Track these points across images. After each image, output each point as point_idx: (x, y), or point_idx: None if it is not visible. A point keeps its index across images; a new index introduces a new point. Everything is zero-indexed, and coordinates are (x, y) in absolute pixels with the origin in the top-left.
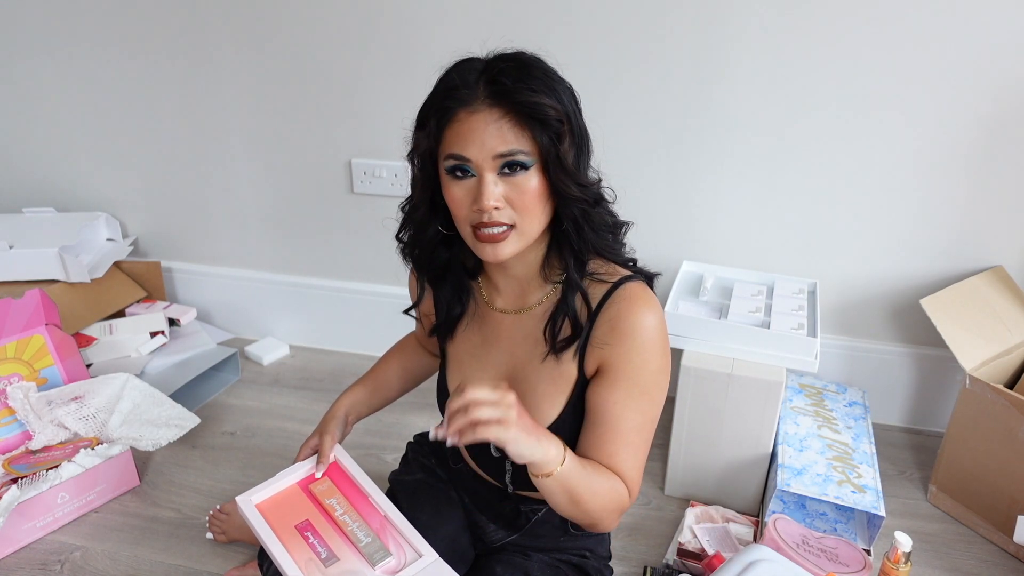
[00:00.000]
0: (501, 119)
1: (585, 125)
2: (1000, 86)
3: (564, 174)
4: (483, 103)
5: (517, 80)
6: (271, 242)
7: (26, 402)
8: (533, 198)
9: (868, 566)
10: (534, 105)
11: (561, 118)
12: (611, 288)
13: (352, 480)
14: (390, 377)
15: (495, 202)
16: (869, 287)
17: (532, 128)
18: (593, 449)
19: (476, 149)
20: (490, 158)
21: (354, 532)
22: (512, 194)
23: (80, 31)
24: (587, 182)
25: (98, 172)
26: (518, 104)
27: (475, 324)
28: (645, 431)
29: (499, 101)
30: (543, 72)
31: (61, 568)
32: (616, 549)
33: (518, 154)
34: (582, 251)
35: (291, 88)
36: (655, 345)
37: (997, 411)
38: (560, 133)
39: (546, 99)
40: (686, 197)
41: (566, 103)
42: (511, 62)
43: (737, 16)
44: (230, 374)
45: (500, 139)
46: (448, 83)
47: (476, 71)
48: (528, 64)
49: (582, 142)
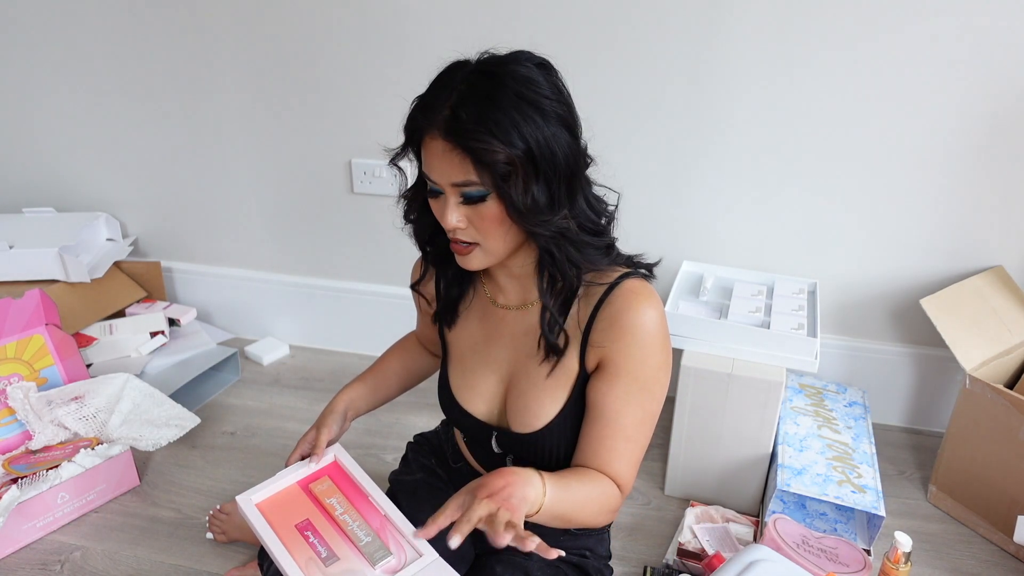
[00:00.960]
0: (454, 151)
1: (572, 149)
2: (1000, 86)
3: (515, 212)
4: (441, 131)
5: (476, 119)
6: (271, 242)
7: (26, 402)
8: (492, 223)
9: (868, 566)
10: (480, 151)
11: (511, 161)
12: (611, 284)
13: (352, 479)
14: (390, 375)
15: (456, 223)
16: (869, 287)
17: (481, 167)
18: (592, 444)
19: (438, 175)
20: (449, 184)
21: (354, 531)
22: (473, 217)
23: (80, 31)
24: (544, 218)
25: (98, 172)
26: (464, 147)
27: (477, 319)
28: (645, 427)
29: (452, 136)
30: (513, 103)
31: (61, 568)
32: (616, 549)
33: (471, 185)
34: (555, 276)
35: (291, 88)
36: (655, 340)
37: (997, 411)
38: (507, 174)
39: (496, 144)
40: (686, 197)
41: (529, 139)
42: (480, 91)
43: (737, 17)
44: (230, 374)
45: (454, 170)
46: (424, 99)
47: (450, 90)
48: (496, 97)
49: (553, 173)
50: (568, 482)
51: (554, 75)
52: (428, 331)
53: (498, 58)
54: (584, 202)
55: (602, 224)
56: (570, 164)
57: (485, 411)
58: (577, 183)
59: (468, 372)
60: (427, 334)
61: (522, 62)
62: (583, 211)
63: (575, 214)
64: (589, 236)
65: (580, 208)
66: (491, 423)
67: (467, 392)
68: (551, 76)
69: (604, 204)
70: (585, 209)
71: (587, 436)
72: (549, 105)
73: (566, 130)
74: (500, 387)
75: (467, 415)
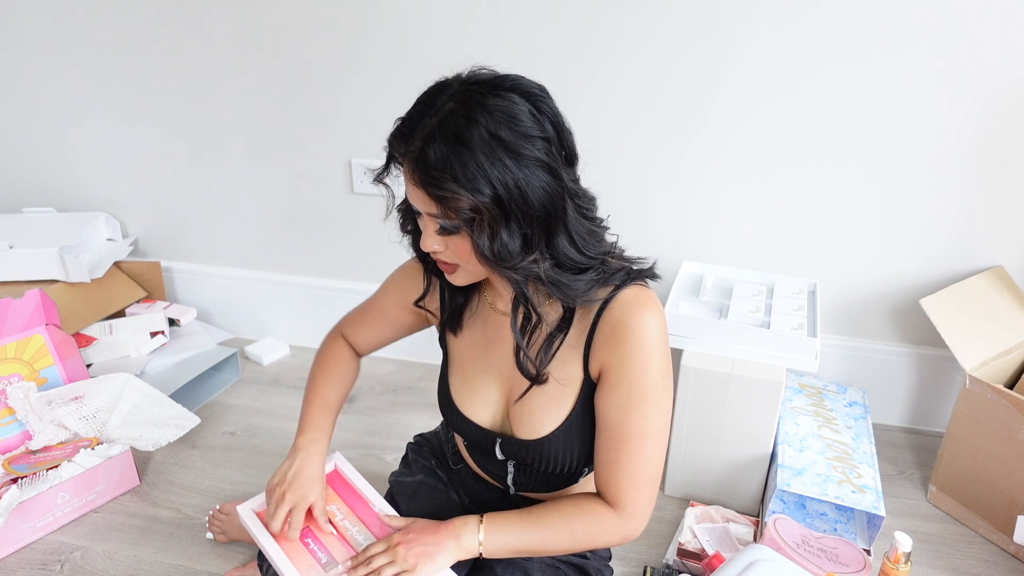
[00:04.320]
0: (421, 189)
1: (550, 190)
2: (1000, 86)
3: (481, 256)
4: (410, 167)
5: (442, 163)
6: (271, 242)
7: (26, 402)
8: (466, 253)
9: (868, 566)
10: (443, 199)
11: (476, 208)
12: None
13: (351, 486)
14: (336, 409)
15: (432, 248)
16: (869, 287)
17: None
18: (600, 455)
19: (414, 202)
20: (425, 213)
21: (354, 537)
22: (450, 245)
23: (80, 31)
24: (513, 263)
25: (98, 172)
26: (428, 194)
27: (478, 325)
28: (651, 438)
29: (419, 176)
30: (483, 146)
31: (61, 568)
32: (616, 549)
33: (440, 218)
34: (529, 315)
35: (291, 88)
36: (656, 348)
37: (997, 411)
38: (472, 220)
39: (460, 191)
40: (686, 197)
41: (496, 185)
42: (451, 129)
43: (738, 18)
44: (230, 374)
45: (424, 203)
46: (403, 123)
47: (427, 118)
48: (466, 138)
49: (525, 217)
50: (526, 519)
51: (544, 104)
52: (378, 335)
53: (482, 84)
54: (567, 241)
55: (588, 262)
56: (546, 206)
57: (487, 418)
58: (557, 224)
59: (469, 379)
60: (374, 338)
61: (506, 92)
62: (564, 251)
63: (554, 254)
64: (569, 275)
65: (561, 248)
66: (494, 430)
67: (468, 399)
68: (541, 105)
69: (597, 238)
70: (566, 249)
71: (596, 449)
72: (526, 145)
73: (545, 171)
74: (502, 394)
75: (468, 422)
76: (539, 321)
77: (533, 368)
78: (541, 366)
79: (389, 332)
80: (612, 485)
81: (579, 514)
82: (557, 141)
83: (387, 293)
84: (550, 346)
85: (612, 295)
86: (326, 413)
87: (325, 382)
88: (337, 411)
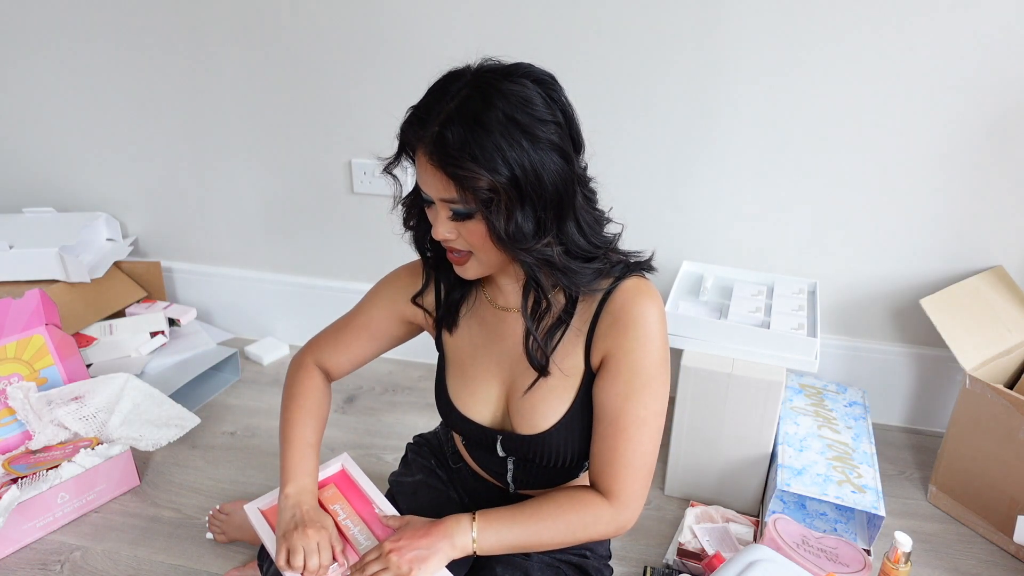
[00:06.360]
0: (439, 171)
1: (563, 175)
2: (1000, 86)
3: (497, 238)
4: (428, 150)
5: (461, 143)
6: (271, 242)
7: (26, 402)
8: (481, 239)
9: (868, 566)
10: (462, 179)
11: (494, 187)
12: (612, 283)
13: (357, 487)
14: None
15: (445, 235)
16: (869, 287)
17: (464, 190)
18: (596, 444)
19: (427, 188)
20: (438, 199)
21: (355, 536)
22: (463, 231)
23: (80, 31)
24: (527, 245)
25: (98, 172)
26: (448, 173)
27: (477, 323)
28: (648, 426)
29: (437, 158)
30: (501, 127)
31: (61, 568)
32: (616, 549)
33: (456, 203)
34: (540, 300)
35: (291, 88)
36: (656, 337)
37: (997, 411)
38: (489, 200)
39: (479, 171)
40: (686, 197)
41: (514, 166)
42: (469, 111)
43: (738, 17)
44: (230, 374)
45: (440, 188)
46: (418, 110)
47: (442, 104)
48: (484, 120)
49: (540, 199)
50: (519, 513)
51: (555, 92)
52: (358, 354)
53: (495, 72)
54: (575, 228)
55: (594, 251)
56: (559, 190)
57: (487, 416)
58: (567, 209)
59: (468, 378)
60: (354, 357)
61: (519, 79)
62: (573, 237)
63: (563, 240)
64: (578, 263)
65: (569, 234)
66: (494, 427)
67: (467, 399)
68: (552, 93)
69: (601, 228)
70: (575, 235)
71: (593, 438)
72: (541, 128)
73: (558, 155)
74: (502, 390)
75: (468, 421)
76: (548, 306)
77: (542, 354)
78: (549, 352)
79: (372, 349)
80: (607, 474)
81: (572, 505)
82: (567, 128)
83: (372, 307)
84: (554, 334)
85: (614, 285)
86: (310, 456)
87: (303, 422)
88: (318, 449)
